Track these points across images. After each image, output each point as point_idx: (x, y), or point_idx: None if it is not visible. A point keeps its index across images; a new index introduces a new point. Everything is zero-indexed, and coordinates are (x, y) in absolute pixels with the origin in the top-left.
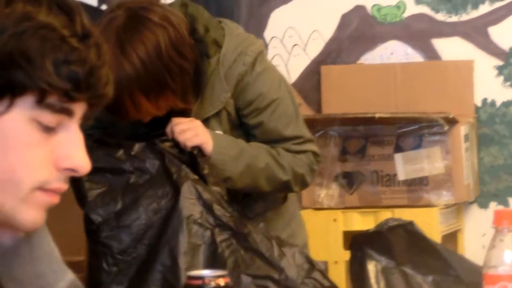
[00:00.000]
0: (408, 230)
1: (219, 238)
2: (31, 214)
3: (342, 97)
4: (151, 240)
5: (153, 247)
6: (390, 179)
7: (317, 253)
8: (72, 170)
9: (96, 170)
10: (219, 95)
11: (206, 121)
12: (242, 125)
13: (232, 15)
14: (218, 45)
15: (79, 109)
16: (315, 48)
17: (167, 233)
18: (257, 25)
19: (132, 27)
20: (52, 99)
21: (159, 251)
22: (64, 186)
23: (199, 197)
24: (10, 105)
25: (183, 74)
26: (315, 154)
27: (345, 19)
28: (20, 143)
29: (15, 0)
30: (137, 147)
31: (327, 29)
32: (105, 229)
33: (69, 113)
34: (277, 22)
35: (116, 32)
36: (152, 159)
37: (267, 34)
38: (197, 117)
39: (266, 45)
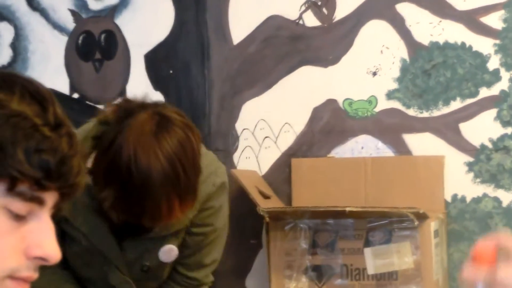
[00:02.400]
0: None
1: None
2: None
3: (313, 190)
4: None
5: None
6: (359, 273)
7: None
8: (43, 259)
9: None
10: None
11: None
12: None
13: (204, 108)
14: None
15: (50, 198)
16: (286, 141)
17: None
18: (228, 117)
19: (164, 131)
20: (23, 188)
21: None
22: (34, 275)
23: None
24: None
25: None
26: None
27: (317, 112)
28: None
29: None
30: None
31: (299, 122)
32: None
33: (40, 202)
34: (249, 114)
35: (154, 135)
36: None
37: (239, 125)
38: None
39: (237, 137)
